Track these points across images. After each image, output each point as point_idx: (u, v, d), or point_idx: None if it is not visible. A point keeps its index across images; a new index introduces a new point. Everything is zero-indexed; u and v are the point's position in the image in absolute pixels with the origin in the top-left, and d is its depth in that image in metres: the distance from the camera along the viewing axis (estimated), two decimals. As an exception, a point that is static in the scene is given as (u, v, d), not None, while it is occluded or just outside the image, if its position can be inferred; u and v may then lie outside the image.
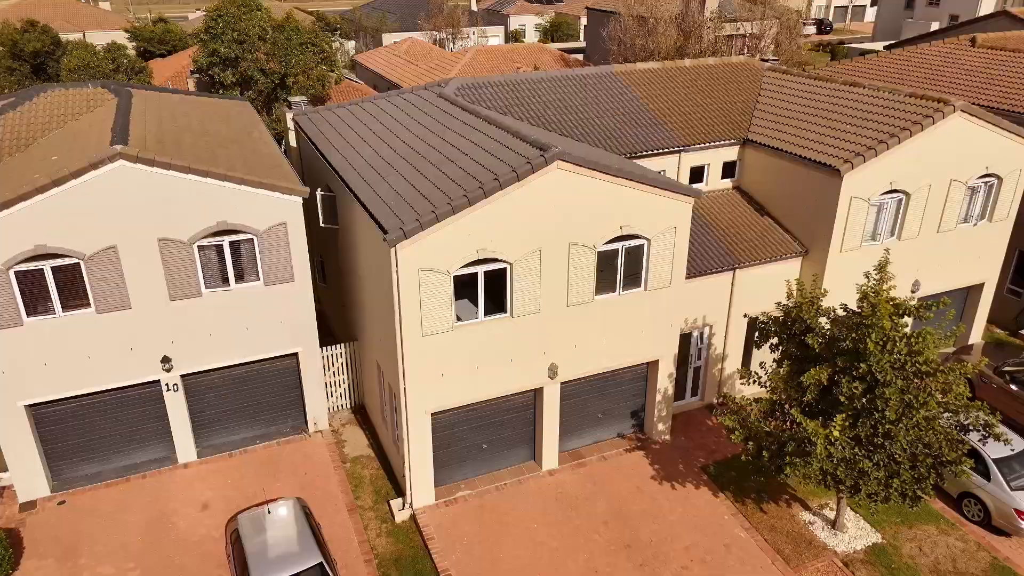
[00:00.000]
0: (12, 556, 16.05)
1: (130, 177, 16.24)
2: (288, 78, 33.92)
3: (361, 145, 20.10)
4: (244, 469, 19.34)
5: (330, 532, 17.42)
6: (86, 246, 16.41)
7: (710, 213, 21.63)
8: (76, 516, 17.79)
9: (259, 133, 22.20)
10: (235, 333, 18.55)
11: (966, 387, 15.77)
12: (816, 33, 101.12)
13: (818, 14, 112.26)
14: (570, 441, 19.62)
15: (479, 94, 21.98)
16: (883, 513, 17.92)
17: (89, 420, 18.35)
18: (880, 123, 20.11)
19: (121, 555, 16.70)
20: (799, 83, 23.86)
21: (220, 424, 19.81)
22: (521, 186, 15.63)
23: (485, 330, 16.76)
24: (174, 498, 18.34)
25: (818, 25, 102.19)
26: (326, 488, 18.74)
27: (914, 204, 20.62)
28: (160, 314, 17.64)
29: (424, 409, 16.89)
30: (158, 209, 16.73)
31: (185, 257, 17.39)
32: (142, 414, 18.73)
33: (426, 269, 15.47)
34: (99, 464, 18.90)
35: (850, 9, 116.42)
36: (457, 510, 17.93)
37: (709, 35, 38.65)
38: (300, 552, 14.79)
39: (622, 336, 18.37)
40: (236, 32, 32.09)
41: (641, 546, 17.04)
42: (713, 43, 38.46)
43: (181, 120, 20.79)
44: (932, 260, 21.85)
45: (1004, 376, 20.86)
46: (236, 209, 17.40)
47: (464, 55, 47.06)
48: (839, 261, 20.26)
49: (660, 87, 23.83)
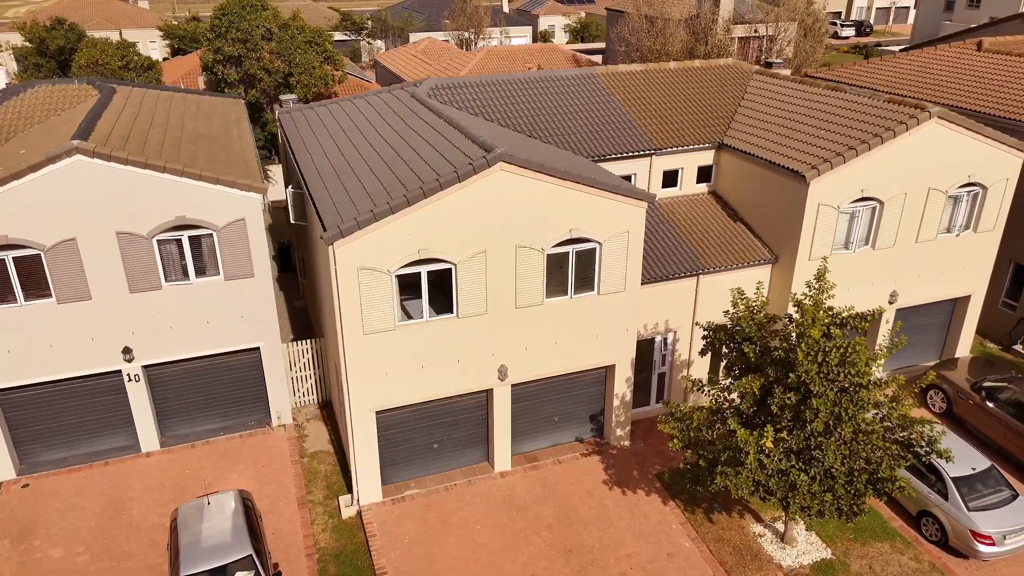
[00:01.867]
0: (-34, 535, 16.62)
1: (88, 171, 16.67)
2: (292, 76, 34.44)
3: (328, 143, 20.33)
4: (204, 460, 19.71)
5: (277, 525, 17.67)
6: (46, 238, 16.90)
7: (680, 217, 21.34)
8: (37, 499, 18.34)
9: (238, 131, 22.60)
10: (196, 326, 18.91)
11: (914, 400, 15.27)
12: (855, 35, 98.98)
13: (859, 16, 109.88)
14: (525, 444, 19.55)
15: (453, 95, 22.03)
16: (836, 528, 17.49)
17: (54, 407, 18.89)
18: (855, 129, 19.61)
19: (73, 539, 17.17)
20: (783, 87, 23.39)
21: (184, 415, 20.22)
22: (463, 187, 15.63)
23: (430, 330, 16.80)
24: (132, 486, 18.78)
25: (857, 27, 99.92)
26: (280, 481, 18.99)
27: (889, 213, 20.05)
28: (120, 306, 18.08)
29: (368, 407, 17.01)
30: (116, 203, 17.13)
31: (144, 251, 17.79)
32: (105, 403, 19.21)
33: (365, 268, 15.58)
34: (65, 450, 19.45)
35: (893, 11, 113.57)
36: (403, 508, 18.01)
37: (717, 37, 38.04)
38: (231, 543, 15.01)
39: (575, 340, 18.24)
40: (239, 31, 32.69)
41: (582, 551, 16.91)
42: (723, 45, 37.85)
43: (159, 117, 21.27)
44: (911, 270, 21.22)
45: (981, 393, 20.15)
46: (195, 204, 17.73)
47: (476, 55, 47.23)
48: (808, 269, 19.81)
49: (641, 90, 23.58)
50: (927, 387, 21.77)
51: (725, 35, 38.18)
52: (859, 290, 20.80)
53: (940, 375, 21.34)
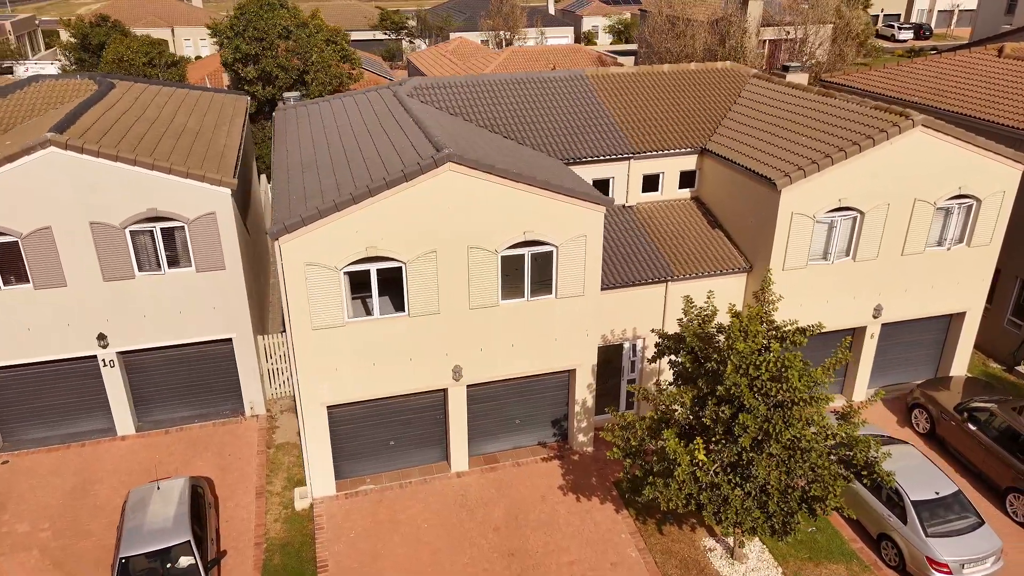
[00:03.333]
0: (-62, 507, 17.47)
1: (61, 163, 17.33)
2: (307, 74, 35.13)
3: (305, 140, 20.66)
4: (175, 446, 20.27)
5: (233, 513, 18.06)
6: (23, 225, 17.63)
7: (658, 223, 21.00)
8: (14, 476, 19.15)
9: (229, 127, 23.15)
10: (169, 316, 19.46)
11: (860, 418, 14.67)
12: (913, 38, 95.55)
13: (920, 19, 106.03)
14: (485, 445, 19.53)
15: (436, 95, 22.13)
16: (791, 547, 16.97)
17: (35, 388, 19.69)
18: (837, 136, 18.97)
19: (40, 515, 17.87)
20: (775, 92, 22.78)
21: (160, 401, 20.83)
22: (411, 186, 15.71)
23: (381, 328, 16.93)
24: (103, 467, 19.44)
25: (916, 30, 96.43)
26: (243, 470, 19.41)
27: (870, 224, 19.34)
28: (95, 293, 18.73)
29: (319, 401, 17.24)
30: (89, 194, 17.76)
31: (117, 240, 18.39)
32: (83, 386, 19.93)
33: (312, 264, 15.80)
34: (46, 430, 20.25)
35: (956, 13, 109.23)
36: (354, 503, 18.20)
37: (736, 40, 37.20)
38: (172, 529, 15.41)
39: (533, 342, 18.13)
40: (256, 30, 33.49)
41: (525, 555, 16.81)
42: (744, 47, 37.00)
43: (150, 112, 21.92)
44: (896, 284, 20.42)
45: (963, 414, 19.27)
46: (166, 197, 18.24)
47: (500, 55, 47.33)
48: (782, 279, 19.24)
49: (629, 93, 23.28)
50: (911, 406, 20.93)
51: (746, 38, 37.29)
52: (839, 303, 20.13)
53: (925, 394, 20.49)
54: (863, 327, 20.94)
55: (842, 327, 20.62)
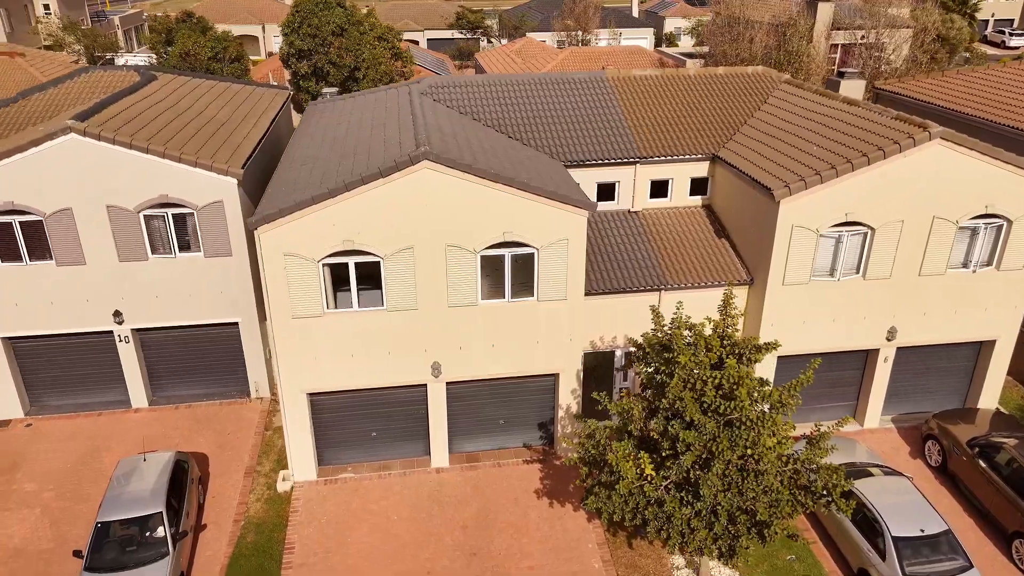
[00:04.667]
0: (-41, 461, 19.00)
1: (80, 148, 18.49)
2: (358, 71, 36.08)
3: (318, 134, 21.27)
4: (181, 421, 21.30)
5: (221, 490, 18.84)
6: (46, 205, 18.93)
7: (662, 229, 20.50)
8: (33, 438, 20.60)
9: (257, 120, 24.07)
10: (178, 297, 20.45)
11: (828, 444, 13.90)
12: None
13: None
14: (468, 443, 19.60)
15: (449, 93, 22.31)
16: (766, 573, 16.27)
17: (58, 358, 21.10)
18: (850, 147, 17.99)
19: (48, 477, 19.16)
20: (800, 99, 21.81)
21: (172, 378, 21.93)
22: (387, 182, 15.96)
23: (359, 320, 17.26)
24: (113, 437, 20.63)
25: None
26: (238, 450, 20.19)
27: (882, 241, 18.26)
28: (111, 272, 19.89)
29: (298, 388, 17.75)
30: (106, 178, 18.87)
31: (132, 223, 19.47)
32: (101, 360, 21.21)
33: (290, 254, 16.28)
34: (68, 398, 21.66)
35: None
36: (332, 490, 18.64)
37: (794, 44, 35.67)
38: (149, 499, 16.21)
39: (513, 344, 18.07)
40: (310, 27, 34.65)
41: (487, 556, 16.80)
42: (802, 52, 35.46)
43: (181, 104, 23.05)
44: (913, 307, 19.19)
45: (974, 450, 17.94)
46: (176, 184, 19.19)
47: (559, 55, 47.22)
48: (782, 295, 18.46)
49: (649, 97, 22.81)
50: (925, 437, 19.65)
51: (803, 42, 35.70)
52: (848, 323, 19.10)
53: (939, 425, 19.19)
54: (875, 350, 19.80)
55: (851, 348, 19.57)
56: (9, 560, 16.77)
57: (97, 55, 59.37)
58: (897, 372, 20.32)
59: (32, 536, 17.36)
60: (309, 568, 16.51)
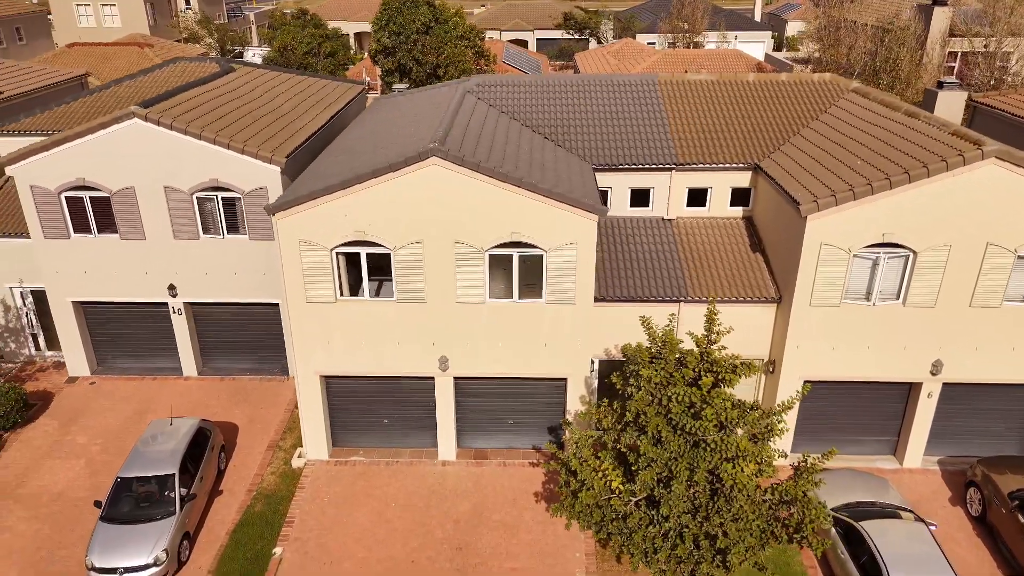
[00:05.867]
0: (25, 409, 21.07)
1: (142, 133, 20.05)
2: (440, 68, 36.94)
3: (366, 127, 22.03)
4: (223, 392, 22.68)
5: (244, 460, 19.95)
6: (112, 184, 20.67)
7: (695, 239, 19.80)
8: (95, 395, 22.55)
9: (320, 113, 25.18)
10: (225, 276, 21.78)
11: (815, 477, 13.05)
12: None
13: None
14: (477, 440, 19.74)
15: (495, 92, 22.47)
16: (753, 607, 15.46)
17: (122, 323, 22.99)
18: (897, 162, 16.70)
19: (98, 432, 20.94)
20: (862, 109, 20.42)
21: (222, 351, 23.38)
22: (397, 177, 16.35)
23: (370, 309, 17.78)
24: (162, 400, 22.26)
25: None
26: (266, 424, 21.28)
27: (925, 265, 16.84)
28: (167, 248, 21.46)
29: (312, 370, 18.49)
30: (164, 161, 20.38)
31: (185, 204, 20.93)
32: (157, 328, 22.92)
33: (305, 241, 17.00)
34: (131, 361, 23.56)
35: None
36: (340, 471, 19.29)
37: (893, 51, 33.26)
38: (165, 461, 17.43)
39: (521, 345, 18.04)
40: (396, 24, 35.81)
41: (473, 552, 16.90)
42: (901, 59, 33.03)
43: (249, 95, 24.44)
44: (963, 340, 17.58)
45: (1014, 502, 16.25)
46: (226, 170, 20.44)
47: (651, 57, 46.36)
48: (808, 316, 17.42)
49: (699, 102, 22.07)
50: (968, 483, 17.98)
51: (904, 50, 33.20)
52: (885, 351, 17.76)
53: (983, 472, 17.50)
54: (918, 383, 18.30)
55: (889, 379, 18.18)
56: (50, 502, 18.48)
57: (227, 49, 63.72)
58: (944, 410, 18.69)
59: (73, 484, 19.05)
60: (303, 543, 17.20)
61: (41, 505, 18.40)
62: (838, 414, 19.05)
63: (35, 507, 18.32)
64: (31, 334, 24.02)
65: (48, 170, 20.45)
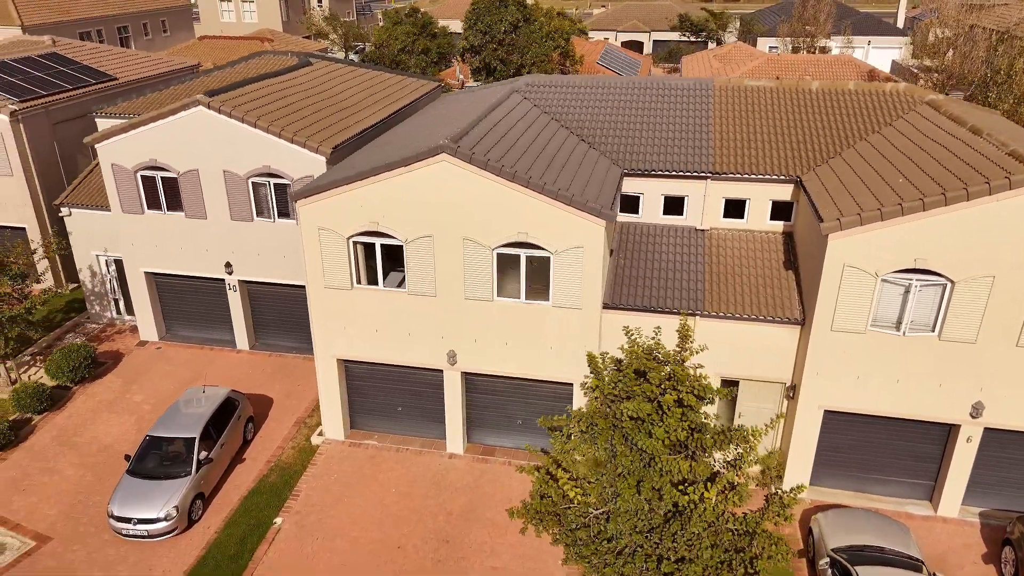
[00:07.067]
0: (93, 366, 23.24)
1: (205, 120, 21.58)
2: (524, 68, 37.21)
3: (417, 122, 22.64)
4: (267, 367, 24.04)
5: (271, 432, 21.10)
6: (180, 165, 22.38)
7: (726, 251, 18.99)
8: (158, 359, 24.52)
9: (384, 107, 26.06)
10: (275, 258, 23.07)
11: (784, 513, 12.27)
12: None
13: None
14: (486, 436, 19.88)
15: (541, 92, 22.42)
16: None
17: (185, 295, 24.87)
18: (941, 182, 15.31)
19: (152, 392, 22.79)
20: (927, 123, 18.81)
21: (272, 328, 24.79)
22: (409, 171, 16.75)
23: (383, 298, 18.32)
24: (214, 369, 23.88)
25: None
26: (299, 400, 22.37)
27: (965, 297, 15.34)
28: (225, 228, 23.00)
29: (329, 353, 19.27)
30: (224, 147, 21.82)
31: (241, 188, 22.34)
32: (215, 302, 24.62)
33: (324, 228, 17.75)
34: (192, 330, 25.45)
35: None
36: (353, 452, 19.99)
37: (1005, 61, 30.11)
38: (189, 425, 18.73)
39: (527, 346, 18.00)
40: (483, 24, 36.39)
41: (457, 546, 17.09)
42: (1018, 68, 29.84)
43: (316, 88, 25.59)
44: (1008, 381, 15.88)
45: (1045, 567, 14.55)
46: (278, 157, 21.63)
47: (754, 61, 44.53)
48: (829, 342, 16.32)
49: (751, 109, 21.08)
50: (1004, 541, 16.24)
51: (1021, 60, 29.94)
52: (917, 387, 16.35)
53: (1020, 531, 15.76)
54: (956, 425, 16.72)
55: (921, 417, 16.72)
56: (98, 453, 20.32)
57: (350, 45, 66.92)
58: (987, 457, 16.98)
59: (120, 438, 20.84)
60: (303, 516, 18.01)
61: (90, 454, 20.26)
62: (866, 449, 17.73)
63: (85, 455, 20.19)
64: (114, 299, 26.41)
65: (126, 150, 22.42)
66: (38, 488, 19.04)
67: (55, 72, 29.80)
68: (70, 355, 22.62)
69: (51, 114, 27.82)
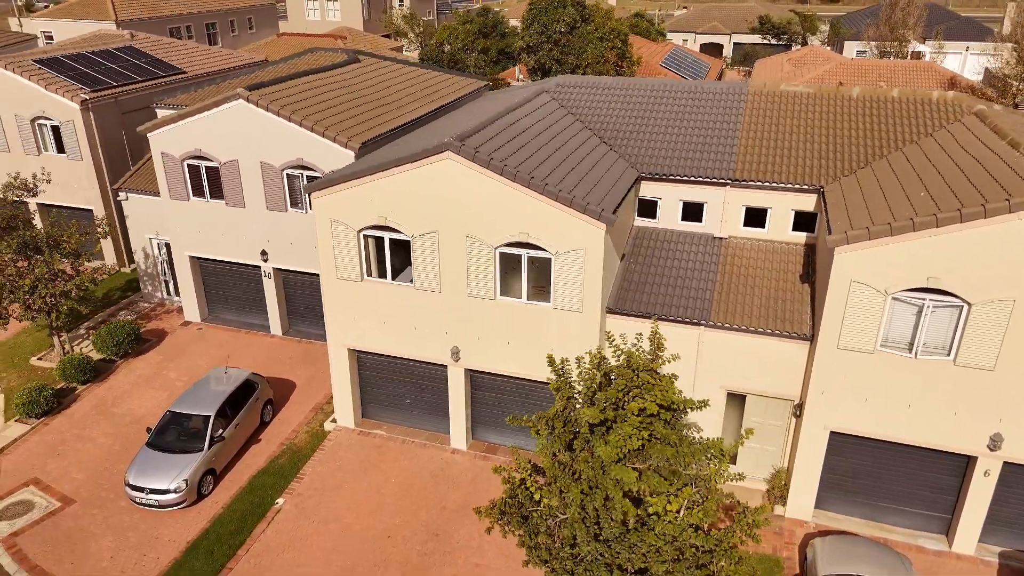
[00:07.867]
0: (137, 343, 24.61)
1: (245, 112, 22.49)
2: (579, 69, 37.01)
3: (454, 118, 22.88)
4: (295, 352, 24.87)
5: (289, 416, 21.84)
6: (221, 155, 23.43)
7: (742, 261, 18.42)
8: (198, 340, 25.75)
9: (420, 104, 26.48)
10: (307, 248, 23.81)
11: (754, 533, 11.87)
12: None
13: None
14: (489, 434, 19.96)
15: (569, 93, 22.32)
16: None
17: (226, 280, 26.01)
18: (963, 198, 14.41)
19: (188, 369, 23.95)
20: (969, 134, 17.69)
21: (305, 316, 25.62)
22: (415, 168, 17.01)
23: (391, 292, 18.66)
24: (246, 352, 24.89)
25: None
26: (320, 386, 23.05)
27: (982, 321, 14.37)
28: (261, 218, 23.93)
29: (342, 342, 19.77)
30: (261, 139, 22.71)
31: (276, 179, 23.18)
32: (252, 288, 25.64)
33: (336, 220, 18.23)
34: (231, 314, 26.59)
35: None
36: (361, 440, 20.45)
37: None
38: (206, 403, 19.60)
39: (528, 346, 17.96)
40: (539, 24, 36.40)
41: (444, 540, 17.25)
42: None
43: (361, 84, 26.23)
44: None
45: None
46: (310, 150, 22.33)
47: (825, 65, 42.89)
48: (835, 360, 15.60)
49: (784, 116, 20.34)
50: (1018, 585, 15.16)
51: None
52: (929, 413, 15.43)
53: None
54: (973, 457, 15.69)
55: (933, 446, 15.77)
56: (130, 424, 21.53)
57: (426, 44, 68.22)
58: (1007, 494, 15.85)
59: (151, 411, 22.01)
60: (304, 499, 18.57)
61: (123, 425, 21.49)
62: (877, 476, 16.85)
63: (118, 425, 21.43)
64: (164, 280, 27.88)
65: (174, 139, 23.63)
66: (72, 453, 20.34)
67: (128, 64, 31.68)
68: (115, 331, 24.04)
69: (121, 104, 29.59)
